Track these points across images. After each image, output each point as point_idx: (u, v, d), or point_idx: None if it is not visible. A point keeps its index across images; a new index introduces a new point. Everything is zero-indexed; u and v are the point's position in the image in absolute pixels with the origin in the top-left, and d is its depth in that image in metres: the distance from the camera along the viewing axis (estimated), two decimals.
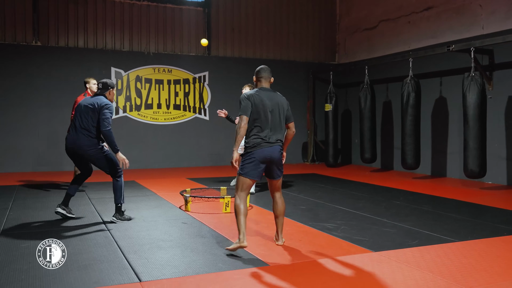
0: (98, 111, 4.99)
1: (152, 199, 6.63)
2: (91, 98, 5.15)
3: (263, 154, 4.07)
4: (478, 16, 8.79)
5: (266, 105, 4.13)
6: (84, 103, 5.11)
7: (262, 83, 4.30)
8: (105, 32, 10.43)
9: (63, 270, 3.50)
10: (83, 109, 5.08)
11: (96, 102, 5.04)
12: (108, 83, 5.27)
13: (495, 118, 8.24)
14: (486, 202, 6.61)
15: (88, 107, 5.04)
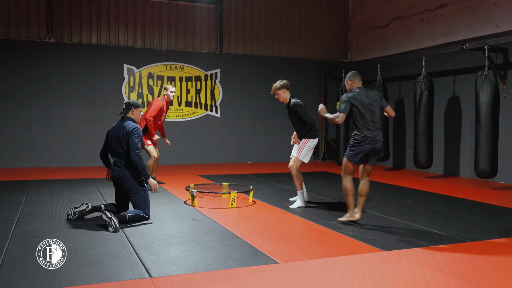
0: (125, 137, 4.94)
1: (163, 196, 6.66)
2: (118, 123, 5.09)
3: (368, 148, 4.92)
4: (493, 14, 8.69)
5: (366, 104, 4.92)
6: (112, 131, 5.08)
7: (356, 83, 5.07)
8: (118, 29, 10.49)
9: (75, 265, 3.54)
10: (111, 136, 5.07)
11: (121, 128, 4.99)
12: (131, 103, 5.14)
13: (509, 117, 8.14)
14: (499, 202, 6.54)
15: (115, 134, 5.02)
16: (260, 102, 11.47)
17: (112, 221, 4.52)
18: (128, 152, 4.92)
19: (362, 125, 4.90)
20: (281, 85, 6.00)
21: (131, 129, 4.93)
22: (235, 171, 9.78)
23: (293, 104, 5.94)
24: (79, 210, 5.03)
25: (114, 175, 5.03)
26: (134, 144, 4.88)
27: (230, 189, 6.59)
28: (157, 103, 7.32)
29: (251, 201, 6.26)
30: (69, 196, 6.52)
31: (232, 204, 5.86)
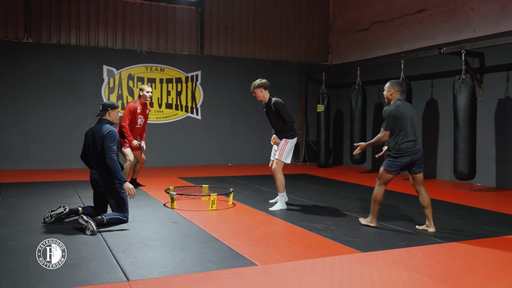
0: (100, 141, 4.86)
1: (142, 198, 6.61)
2: (95, 125, 5.02)
3: (408, 159, 4.88)
4: (469, 19, 8.86)
5: (407, 116, 4.86)
6: (89, 133, 5.01)
7: (397, 95, 5.00)
8: (97, 29, 10.39)
9: (50, 268, 3.49)
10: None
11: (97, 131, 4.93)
12: (108, 104, 5.04)
13: (485, 121, 8.30)
14: (475, 204, 6.66)
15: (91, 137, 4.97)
16: (241, 104, 11.48)
17: (89, 224, 4.46)
18: (104, 155, 4.86)
19: (404, 136, 4.84)
20: (259, 84, 6.04)
21: (105, 133, 4.85)
22: (216, 173, 9.76)
23: (274, 103, 5.95)
24: (56, 213, 4.95)
25: (93, 177, 4.97)
26: (109, 148, 4.81)
27: (210, 192, 6.57)
28: (128, 107, 7.07)
29: (231, 203, 6.25)
30: (46, 199, 6.42)
31: (212, 207, 5.85)
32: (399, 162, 4.88)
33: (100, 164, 4.93)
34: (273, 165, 6.03)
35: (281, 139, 6.00)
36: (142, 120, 7.31)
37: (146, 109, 7.37)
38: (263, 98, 6.10)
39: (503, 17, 8.22)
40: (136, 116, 7.14)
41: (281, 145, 5.99)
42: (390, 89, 5.04)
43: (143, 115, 7.28)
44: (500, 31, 8.14)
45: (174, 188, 6.65)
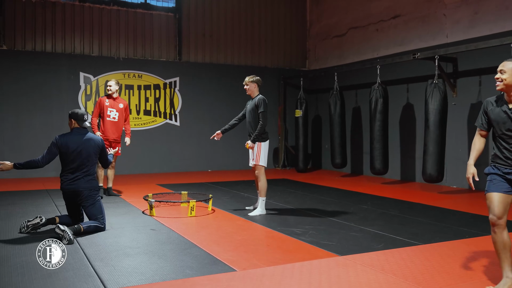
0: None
1: (121, 206, 6.56)
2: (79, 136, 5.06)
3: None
4: (443, 25, 9.06)
5: (501, 115, 3.37)
6: (73, 145, 5.04)
7: None
8: (73, 36, 10.29)
9: (26, 279, 3.44)
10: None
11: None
12: (85, 113, 5.16)
13: (459, 124, 8.48)
14: (450, 205, 6.79)
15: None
16: (220, 110, 11.48)
17: (66, 234, 4.41)
18: (95, 163, 5.08)
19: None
20: (255, 79, 6.24)
21: (103, 143, 5.13)
22: (195, 179, 9.74)
23: (259, 98, 6.09)
24: (32, 224, 4.88)
25: (71, 189, 4.90)
26: (108, 155, 5.33)
27: (189, 198, 6.56)
28: (97, 100, 7.41)
29: (211, 210, 6.25)
30: (22, 208, 6.32)
31: (191, 213, 5.85)
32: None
33: (85, 173, 4.92)
34: (256, 170, 6.07)
35: (255, 143, 6.04)
36: (116, 114, 7.32)
37: (119, 103, 7.38)
38: (252, 93, 6.24)
39: (474, 22, 8.44)
40: (104, 108, 7.24)
41: (256, 149, 6.04)
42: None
43: (115, 109, 7.32)
44: (472, 36, 8.35)
45: (153, 195, 6.62)
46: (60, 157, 4.98)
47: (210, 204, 6.29)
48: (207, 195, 6.62)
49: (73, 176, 4.89)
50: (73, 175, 4.89)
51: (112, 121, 7.30)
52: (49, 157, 4.89)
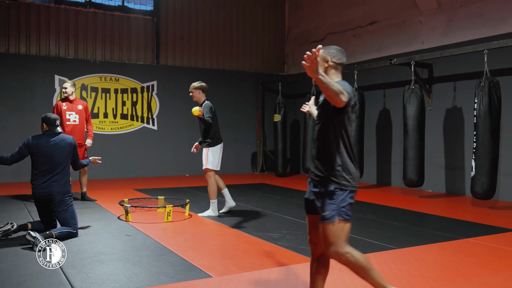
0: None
1: (96, 211, 6.44)
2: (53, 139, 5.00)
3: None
4: (418, 32, 9.19)
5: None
6: (45, 148, 5.00)
7: (339, 73, 2.88)
8: (48, 38, 10.10)
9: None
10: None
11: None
12: (42, 117, 5.06)
13: (435, 129, 8.61)
14: (426, 209, 6.87)
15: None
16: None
17: (37, 240, 4.29)
18: (68, 167, 4.95)
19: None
20: (199, 86, 6.29)
21: (75, 142, 5.06)
22: (173, 184, 9.65)
23: (204, 105, 6.17)
24: (3, 230, 4.75)
25: (43, 193, 4.79)
26: (82, 160, 5.25)
27: (166, 203, 6.49)
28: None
29: (187, 215, 6.19)
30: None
31: (167, 218, 5.77)
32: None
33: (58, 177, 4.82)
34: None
35: (203, 149, 6.20)
36: (76, 116, 7.16)
37: (78, 105, 7.22)
38: (198, 100, 6.32)
39: (449, 29, 8.59)
40: (62, 113, 7.05)
41: (204, 154, 6.18)
42: (338, 61, 2.87)
43: (74, 111, 7.16)
44: (447, 43, 8.49)
45: (129, 200, 6.52)
46: (31, 160, 4.88)
47: (187, 209, 6.23)
48: (184, 200, 6.56)
49: (45, 179, 4.78)
50: (45, 178, 4.78)
51: (73, 124, 7.11)
52: (18, 157, 4.88)
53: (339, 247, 2.69)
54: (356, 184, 2.71)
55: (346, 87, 2.63)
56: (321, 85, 2.41)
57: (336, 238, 2.68)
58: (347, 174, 2.68)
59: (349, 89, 2.64)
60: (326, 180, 2.69)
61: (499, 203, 7.36)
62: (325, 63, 2.81)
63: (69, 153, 4.95)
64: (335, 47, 2.85)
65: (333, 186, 2.67)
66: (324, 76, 2.42)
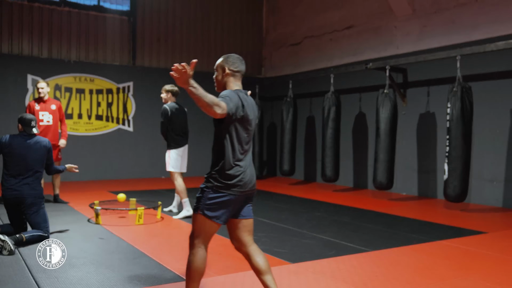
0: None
1: (68, 214, 6.32)
2: (28, 141, 4.91)
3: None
4: (393, 37, 9.32)
5: (251, 117, 2.92)
6: (19, 149, 4.88)
7: (238, 80, 3.05)
8: (21, 37, 9.88)
9: None
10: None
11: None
12: (18, 118, 4.95)
13: (408, 133, 8.73)
14: (399, 212, 6.96)
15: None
16: None
17: (6, 244, 4.18)
18: (41, 169, 4.85)
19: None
20: (170, 89, 6.49)
21: (50, 145, 4.95)
22: (149, 186, 9.54)
23: (162, 108, 6.39)
24: None
25: (14, 195, 4.68)
26: (52, 158, 5.00)
27: (138, 205, 6.40)
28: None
29: (160, 217, 6.12)
30: None
31: (139, 221, 5.69)
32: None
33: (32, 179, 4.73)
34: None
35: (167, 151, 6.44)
36: (49, 117, 7.03)
37: (51, 105, 7.09)
38: (166, 101, 6.53)
39: (424, 35, 8.73)
40: (36, 113, 6.90)
41: (166, 157, 6.42)
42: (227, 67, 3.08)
43: (47, 111, 7.02)
44: (421, 48, 8.63)
45: (100, 203, 6.41)
46: (3, 160, 4.77)
47: (159, 212, 6.16)
48: (156, 202, 6.48)
49: (16, 181, 4.67)
50: (16, 180, 4.67)
51: (46, 125, 6.97)
52: None
53: (193, 238, 2.88)
54: (230, 191, 2.79)
55: (231, 99, 2.74)
56: (193, 96, 2.56)
57: (194, 229, 2.88)
58: (221, 180, 2.79)
59: (233, 102, 2.74)
60: (205, 179, 2.86)
61: (470, 205, 7.50)
62: (222, 71, 2.99)
63: (43, 156, 4.84)
64: (234, 56, 3.03)
65: (204, 184, 2.84)
66: (196, 88, 2.57)
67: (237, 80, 2.98)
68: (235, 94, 2.81)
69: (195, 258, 2.86)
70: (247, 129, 2.85)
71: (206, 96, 2.59)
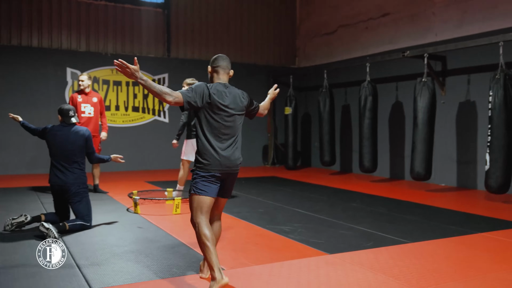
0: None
1: (108, 203, 6.48)
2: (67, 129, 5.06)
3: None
4: (431, 24, 9.07)
5: (224, 104, 3.32)
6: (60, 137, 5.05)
7: (221, 74, 3.44)
8: (60, 31, 10.14)
9: (9, 278, 3.36)
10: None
11: None
12: (73, 108, 5.09)
13: (448, 122, 8.51)
14: (438, 203, 6.80)
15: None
16: None
17: (50, 232, 4.33)
18: (83, 158, 4.97)
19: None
20: (191, 82, 6.63)
21: (89, 134, 5.03)
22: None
23: None
24: (17, 222, 4.79)
25: (58, 183, 4.83)
26: (92, 147, 5.08)
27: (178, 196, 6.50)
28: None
29: None
30: (6, 206, 6.20)
31: (176, 211, 5.78)
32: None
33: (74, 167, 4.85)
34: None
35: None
36: (91, 109, 7.20)
37: (93, 97, 7.25)
38: None
39: (463, 21, 8.46)
40: (78, 105, 7.10)
41: (184, 146, 6.84)
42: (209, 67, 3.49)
43: (89, 103, 7.20)
44: (461, 35, 8.37)
45: (138, 192, 6.54)
46: (48, 148, 4.93)
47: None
48: None
49: (61, 170, 4.82)
50: (60, 168, 4.83)
51: (87, 116, 7.17)
52: (39, 135, 5.12)
53: (193, 217, 3.29)
54: (208, 168, 3.25)
55: (194, 90, 3.21)
56: (144, 87, 3.06)
57: (192, 209, 3.29)
58: (200, 160, 3.27)
59: (197, 92, 3.20)
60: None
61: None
62: (208, 70, 3.45)
63: (82, 144, 4.94)
64: (218, 55, 3.46)
65: (192, 169, 3.36)
66: (144, 80, 3.03)
67: (220, 74, 3.41)
68: (202, 85, 3.26)
69: (200, 228, 3.20)
70: (219, 115, 3.26)
71: (155, 87, 3.07)
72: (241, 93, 3.46)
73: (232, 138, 3.36)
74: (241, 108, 3.42)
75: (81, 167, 4.93)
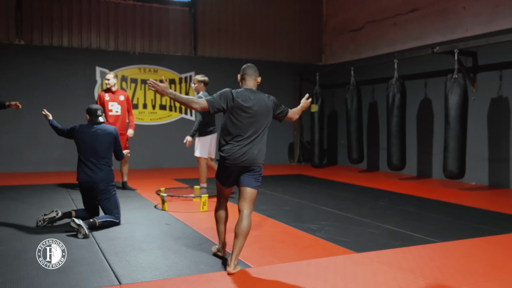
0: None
1: (136, 200, 6.57)
2: (95, 128, 5.13)
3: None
4: (462, 19, 8.87)
5: (246, 106, 3.66)
6: (88, 135, 5.14)
7: (248, 81, 3.81)
8: (90, 31, 10.33)
9: (42, 273, 3.44)
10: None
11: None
12: (100, 108, 5.18)
13: (479, 120, 8.31)
14: (469, 202, 6.66)
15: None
16: None
17: (81, 228, 4.42)
18: (110, 155, 5.06)
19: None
20: (202, 80, 6.87)
21: (116, 132, 5.13)
22: (211, 174, 9.69)
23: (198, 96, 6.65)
24: (49, 217, 4.91)
25: (87, 180, 4.92)
26: (120, 144, 5.21)
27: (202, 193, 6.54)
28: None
29: None
30: (38, 202, 6.36)
31: (203, 208, 5.82)
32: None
33: (103, 165, 4.93)
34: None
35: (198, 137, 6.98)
36: (118, 107, 7.28)
37: (120, 96, 7.33)
38: (197, 91, 6.90)
39: (495, 16, 8.24)
40: (105, 103, 7.20)
41: (196, 143, 6.99)
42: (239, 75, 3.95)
43: (116, 102, 7.28)
44: (492, 30, 8.16)
45: (165, 190, 6.61)
46: (76, 147, 5.03)
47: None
48: None
49: (89, 166, 4.91)
50: (88, 166, 4.91)
51: (115, 115, 7.24)
52: (66, 135, 5.22)
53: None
54: (224, 163, 3.68)
55: (219, 95, 3.65)
56: (173, 99, 3.51)
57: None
58: (220, 154, 3.70)
59: (222, 97, 3.64)
60: None
61: None
62: (238, 79, 3.87)
63: (110, 142, 5.03)
64: (246, 65, 3.93)
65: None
66: (173, 94, 3.48)
67: (247, 81, 3.81)
68: (226, 91, 3.68)
69: (216, 210, 3.90)
70: (241, 116, 3.63)
71: (182, 98, 3.56)
72: (266, 97, 3.77)
73: (252, 137, 3.66)
74: (265, 110, 3.71)
75: (109, 164, 5.01)
